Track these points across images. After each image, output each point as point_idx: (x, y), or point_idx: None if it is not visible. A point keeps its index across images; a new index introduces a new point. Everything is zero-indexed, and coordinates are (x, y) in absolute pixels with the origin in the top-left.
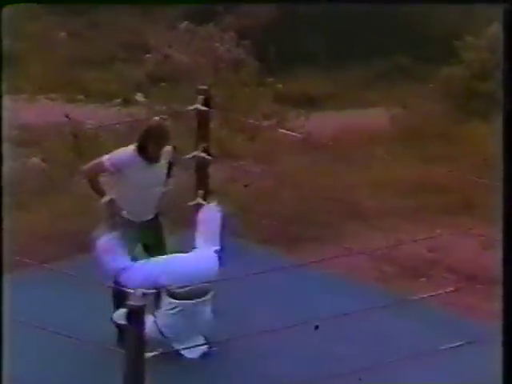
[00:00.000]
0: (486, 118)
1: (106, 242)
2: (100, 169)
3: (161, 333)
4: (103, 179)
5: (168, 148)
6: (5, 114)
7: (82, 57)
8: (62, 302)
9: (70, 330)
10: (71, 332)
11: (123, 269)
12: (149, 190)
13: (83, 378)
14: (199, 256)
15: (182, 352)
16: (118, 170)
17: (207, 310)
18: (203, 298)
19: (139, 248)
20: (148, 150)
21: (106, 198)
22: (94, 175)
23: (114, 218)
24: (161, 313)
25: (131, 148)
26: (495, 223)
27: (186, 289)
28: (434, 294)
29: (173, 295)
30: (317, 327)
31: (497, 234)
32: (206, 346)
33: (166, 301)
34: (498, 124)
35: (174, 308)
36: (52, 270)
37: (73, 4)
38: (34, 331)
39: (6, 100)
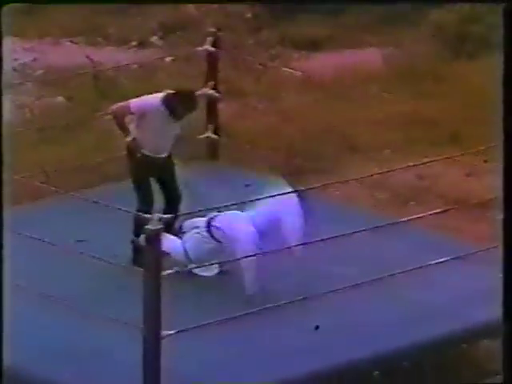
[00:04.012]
0: (474, 57)
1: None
2: (126, 110)
3: (186, 255)
4: (128, 118)
5: None
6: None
7: (102, 5)
8: (86, 227)
9: (92, 252)
10: (93, 254)
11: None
12: (166, 134)
13: (104, 294)
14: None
15: (198, 271)
16: (142, 114)
17: None
18: None
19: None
20: (175, 112)
21: (129, 137)
22: (120, 115)
23: (134, 154)
24: (189, 236)
25: (158, 97)
26: (478, 153)
27: None
28: (422, 215)
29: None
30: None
31: (479, 162)
32: (219, 266)
33: (197, 223)
34: (484, 62)
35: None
36: (78, 198)
37: (73, 4)
38: (60, 253)
39: (34, 43)
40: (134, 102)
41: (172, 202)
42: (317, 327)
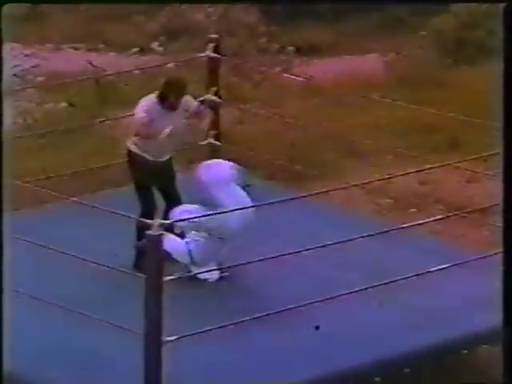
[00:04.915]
0: (473, 63)
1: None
2: (143, 123)
3: (190, 256)
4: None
5: (186, 97)
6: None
7: (103, 11)
8: (88, 232)
9: (94, 258)
10: (95, 259)
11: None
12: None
13: (106, 299)
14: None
15: (202, 275)
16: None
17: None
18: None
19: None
20: (168, 101)
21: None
22: (144, 132)
23: (136, 161)
24: (193, 238)
25: (152, 97)
26: (478, 159)
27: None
28: (423, 222)
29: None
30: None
31: (480, 169)
32: (220, 271)
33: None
34: (484, 68)
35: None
36: (80, 204)
37: (72, 4)
38: (62, 258)
39: (35, 49)
40: (140, 115)
41: (172, 207)
42: (317, 327)
